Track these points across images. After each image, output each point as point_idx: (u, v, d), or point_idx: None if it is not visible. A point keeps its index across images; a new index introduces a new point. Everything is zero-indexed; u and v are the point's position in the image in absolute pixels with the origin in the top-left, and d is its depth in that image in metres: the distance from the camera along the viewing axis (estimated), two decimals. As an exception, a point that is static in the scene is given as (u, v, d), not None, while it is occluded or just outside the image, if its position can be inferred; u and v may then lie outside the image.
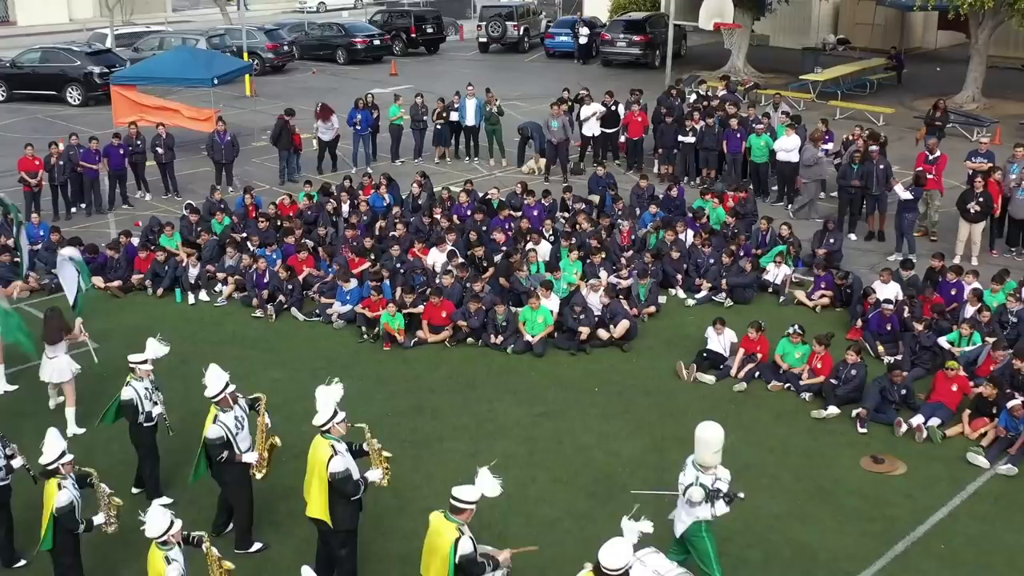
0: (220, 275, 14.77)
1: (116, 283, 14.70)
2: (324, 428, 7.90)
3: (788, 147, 18.07)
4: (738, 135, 18.99)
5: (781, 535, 9.21)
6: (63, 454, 7.88)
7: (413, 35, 37.60)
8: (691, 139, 19.67)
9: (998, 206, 15.81)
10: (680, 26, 31.31)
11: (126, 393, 9.29)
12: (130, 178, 19.11)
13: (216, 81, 21.97)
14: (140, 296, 14.71)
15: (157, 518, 7.03)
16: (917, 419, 10.83)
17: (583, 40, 34.03)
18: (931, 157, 16.60)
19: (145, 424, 9.42)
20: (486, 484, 7.07)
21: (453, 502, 7.01)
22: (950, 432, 10.79)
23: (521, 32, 38.08)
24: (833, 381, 11.44)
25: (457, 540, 6.94)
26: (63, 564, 8.02)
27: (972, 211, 15.38)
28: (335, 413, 7.91)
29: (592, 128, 20.66)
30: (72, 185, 18.32)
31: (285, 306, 14.05)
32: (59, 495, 7.74)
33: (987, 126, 22.94)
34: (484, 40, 38.42)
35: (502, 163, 21.53)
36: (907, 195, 15.38)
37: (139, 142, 18.88)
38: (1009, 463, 10.14)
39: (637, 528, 6.45)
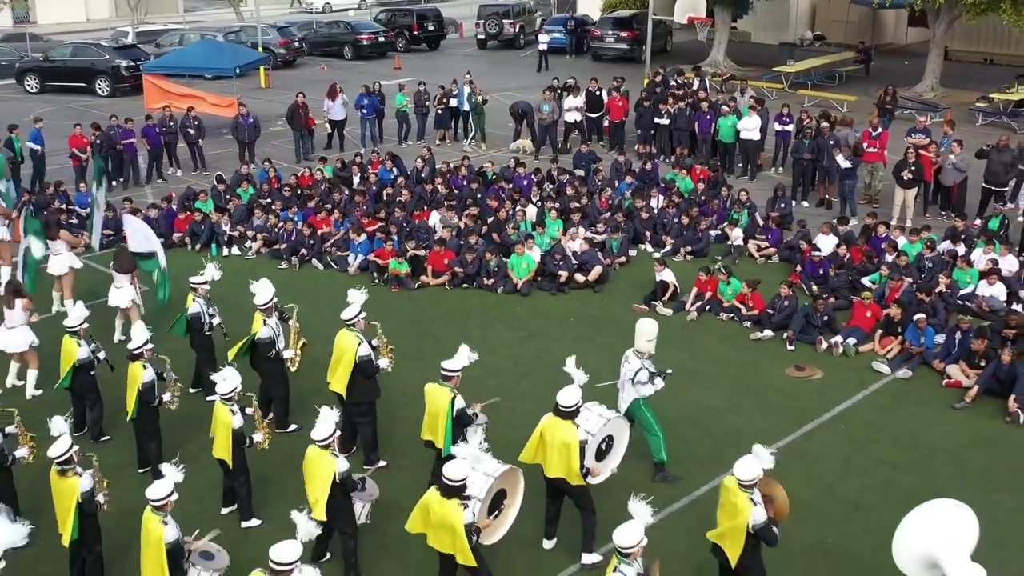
0: (250, 233, 17.03)
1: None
2: (351, 322, 10.15)
3: (750, 126, 20.36)
4: (708, 117, 21.23)
5: (714, 421, 11.45)
6: (147, 342, 10.12)
7: (415, 32, 39.88)
8: (666, 121, 21.92)
9: (930, 174, 18.09)
10: (666, 23, 33.58)
11: (193, 308, 11.54)
12: (163, 156, 21.40)
13: (238, 71, 24.26)
14: (180, 251, 16.92)
15: (229, 380, 9.26)
16: (836, 338, 13.08)
17: (542, 47, 34.83)
18: (874, 133, 18.82)
19: (206, 332, 11.70)
20: (465, 355, 9.44)
21: (444, 372, 9.29)
22: (863, 349, 13.04)
23: (517, 29, 40.37)
24: (769, 311, 13.71)
25: (453, 399, 9.19)
26: (147, 431, 10.26)
27: (905, 178, 17.62)
28: (360, 311, 10.17)
29: (573, 115, 22.93)
30: (112, 161, 20.61)
31: (307, 258, 16.32)
32: (144, 373, 9.98)
33: (940, 111, 25.13)
34: (482, 37, 40.73)
35: (483, 146, 23.65)
36: (847, 164, 17.63)
37: (171, 123, 21.19)
38: (906, 368, 12.39)
39: (573, 370, 8.72)
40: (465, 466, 7.75)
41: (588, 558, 9.05)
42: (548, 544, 9.31)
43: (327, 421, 8.46)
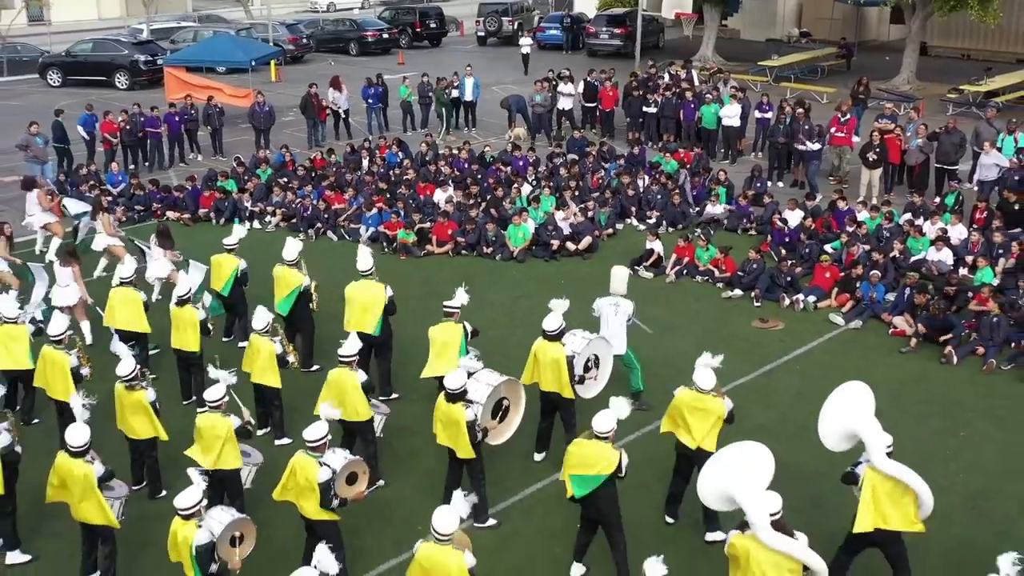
0: (269, 209, 18.61)
1: (186, 215, 18.57)
2: (367, 273, 11.74)
3: (730, 114, 21.95)
4: (692, 106, 22.81)
5: (685, 363, 12.62)
6: (189, 291, 11.73)
7: (418, 29, 41.47)
8: (653, 110, 23.52)
9: (896, 156, 19.67)
10: (658, 20, 35.18)
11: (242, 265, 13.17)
12: (185, 141, 23.01)
13: (253, 63, 25.83)
14: (206, 226, 18.52)
15: (261, 317, 10.83)
16: (798, 296, 14.66)
17: (525, 51, 35.72)
18: (843, 119, 20.39)
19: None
20: (462, 296, 11.03)
21: (446, 310, 10.90)
22: (821, 305, 14.61)
23: (515, 27, 41.94)
24: (740, 273, 15.28)
25: (464, 328, 10.78)
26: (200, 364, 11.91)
27: (870, 159, 19.20)
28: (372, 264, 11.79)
29: (565, 103, 24.56)
30: (138, 146, 22.25)
31: (322, 231, 17.90)
32: (198, 313, 11.62)
33: (913, 103, 26.66)
34: (482, 34, 42.34)
35: (447, 136, 25.11)
36: (814, 146, 19.20)
37: (193, 111, 22.79)
38: (858, 320, 13.97)
39: (558, 305, 10.30)
40: (462, 375, 9.29)
41: (572, 468, 10.61)
42: (538, 457, 10.90)
43: (353, 343, 10.02)
